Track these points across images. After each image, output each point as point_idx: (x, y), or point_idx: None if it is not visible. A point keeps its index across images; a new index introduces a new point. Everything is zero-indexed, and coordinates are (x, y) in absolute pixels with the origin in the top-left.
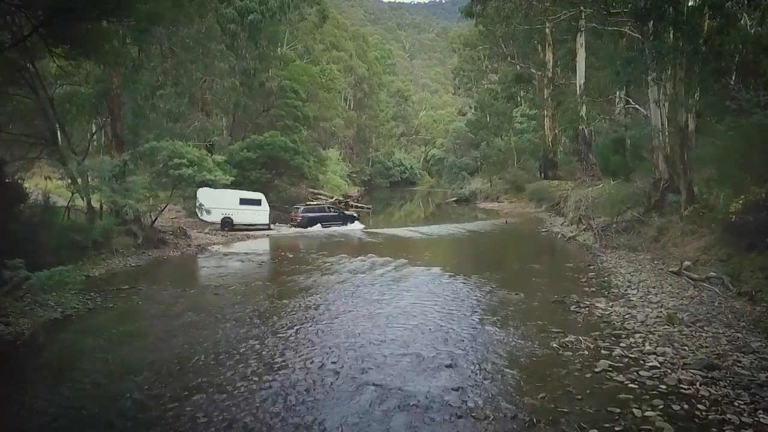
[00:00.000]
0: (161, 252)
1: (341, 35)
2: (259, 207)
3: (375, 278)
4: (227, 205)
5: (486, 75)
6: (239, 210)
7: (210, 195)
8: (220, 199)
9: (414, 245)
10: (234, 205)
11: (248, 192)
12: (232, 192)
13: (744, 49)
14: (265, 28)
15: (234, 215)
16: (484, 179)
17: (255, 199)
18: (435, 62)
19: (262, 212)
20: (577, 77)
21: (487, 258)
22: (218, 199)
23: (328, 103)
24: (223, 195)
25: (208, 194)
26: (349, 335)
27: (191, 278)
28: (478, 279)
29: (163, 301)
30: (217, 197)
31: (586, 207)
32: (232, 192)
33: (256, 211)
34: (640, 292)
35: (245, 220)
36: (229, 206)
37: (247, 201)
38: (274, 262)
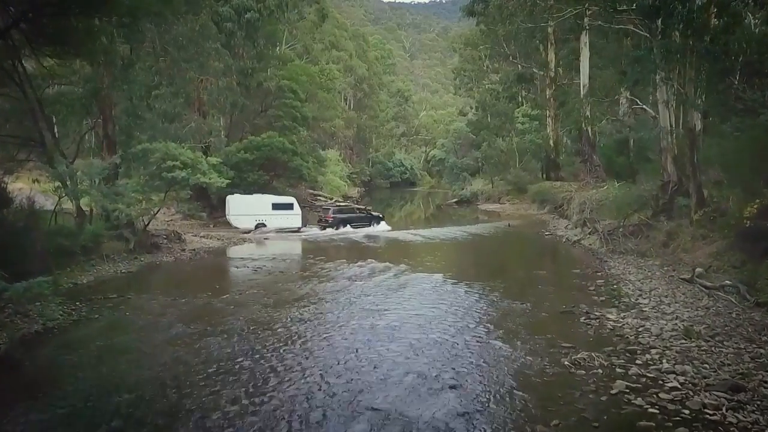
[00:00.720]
0: (154, 257)
1: (341, 35)
2: (291, 211)
3: (374, 286)
4: (260, 210)
5: (487, 75)
6: (272, 215)
7: (242, 201)
8: (253, 205)
9: (415, 249)
10: (267, 211)
11: (280, 196)
12: (265, 197)
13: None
14: (263, 27)
15: (267, 220)
16: (486, 180)
17: (287, 203)
18: (435, 62)
19: (294, 216)
20: (581, 77)
21: (491, 263)
22: (251, 205)
23: (327, 104)
24: (255, 201)
25: (240, 201)
26: (347, 351)
27: (183, 286)
28: (481, 287)
29: (152, 311)
30: (249, 203)
31: (590, 210)
32: (265, 197)
33: (288, 216)
34: (653, 302)
35: (278, 225)
36: (262, 212)
37: (279, 206)
38: (269, 267)
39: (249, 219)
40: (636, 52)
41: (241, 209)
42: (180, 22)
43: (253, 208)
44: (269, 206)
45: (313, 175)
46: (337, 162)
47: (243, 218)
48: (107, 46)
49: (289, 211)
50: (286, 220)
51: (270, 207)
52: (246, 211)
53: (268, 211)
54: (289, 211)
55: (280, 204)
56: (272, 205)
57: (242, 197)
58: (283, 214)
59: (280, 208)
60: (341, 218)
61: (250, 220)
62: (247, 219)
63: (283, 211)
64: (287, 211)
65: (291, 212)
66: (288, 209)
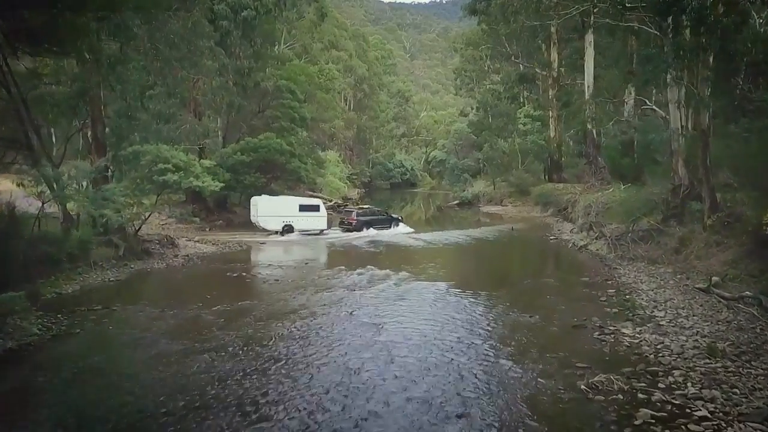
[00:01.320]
0: (145, 264)
1: (341, 35)
2: (317, 213)
3: (374, 296)
4: (288, 212)
5: (488, 75)
6: (299, 217)
7: (270, 203)
8: (281, 207)
9: (416, 255)
10: (294, 212)
11: (307, 198)
12: (292, 199)
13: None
14: (260, 25)
15: (294, 222)
16: (487, 182)
17: (314, 205)
18: (436, 62)
19: (320, 218)
20: (586, 77)
21: (496, 270)
22: (278, 206)
23: (326, 104)
24: (283, 202)
25: (268, 202)
26: (344, 372)
27: (173, 295)
28: (487, 297)
29: (138, 324)
30: (277, 205)
31: (596, 213)
32: (292, 199)
33: (315, 217)
34: (669, 315)
35: (305, 226)
36: (290, 213)
37: (306, 207)
38: (264, 275)
39: (276, 220)
40: (647, 51)
41: (268, 211)
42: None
43: (280, 210)
44: (296, 208)
45: (312, 177)
46: (337, 163)
47: (271, 220)
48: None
49: (315, 213)
50: (312, 222)
51: (297, 209)
52: (274, 213)
53: (295, 213)
54: (315, 213)
55: (306, 206)
56: (299, 207)
57: (270, 198)
58: (309, 216)
59: (307, 210)
60: (364, 220)
61: (278, 222)
62: (274, 220)
63: (310, 213)
64: (313, 213)
65: (317, 214)
66: (314, 211)
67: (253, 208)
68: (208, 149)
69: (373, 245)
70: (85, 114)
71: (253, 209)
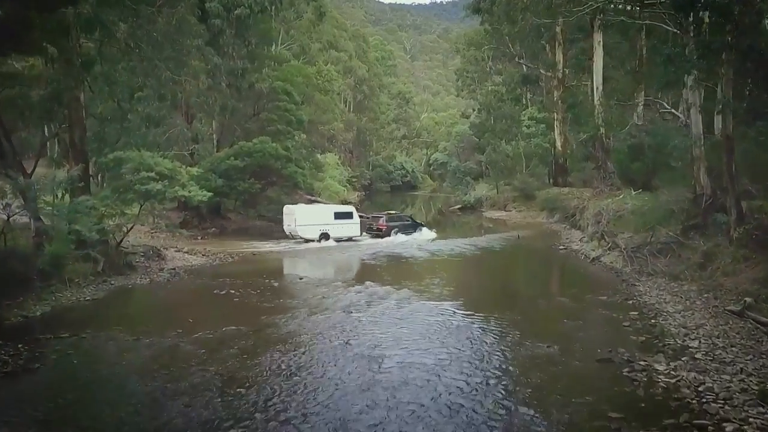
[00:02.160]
0: (126, 279)
1: (340, 35)
2: (351, 220)
3: (373, 321)
4: (324, 220)
5: (490, 76)
6: (334, 224)
7: (308, 211)
8: (317, 215)
9: (418, 268)
10: (330, 220)
11: (341, 206)
12: (327, 207)
13: None
14: (255, 24)
15: (330, 230)
16: (490, 186)
17: (347, 212)
18: (436, 64)
19: (354, 225)
20: (594, 78)
21: (504, 287)
22: (315, 215)
23: (325, 106)
24: (319, 210)
25: (306, 211)
26: (337, 422)
27: (152, 318)
28: (497, 321)
29: (107, 356)
30: (314, 213)
31: (607, 221)
32: (327, 207)
33: (349, 224)
34: (704, 345)
35: (340, 234)
36: (326, 221)
37: (340, 215)
38: (254, 293)
39: (314, 229)
40: (669, 50)
41: (306, 220)
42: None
43: (317, 218)
44: (332, 216)
45: (309, 182)
46: (336, 166)
47: (308, 228)
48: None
49: (349, 220)
50: (346, 229)
51: (332, 216)
52: (311, 221)
53: (331, 221)
54: (349, 220)
55: (341, 213)
56: (334, 214)
57: (307, 207)
58: (344, 224)
59: (342, 217)
60: (392, 226)
61: (315, 230)
62: (312, 229)
63: (344, 220)
64: (347, 220)
65: (351, 221)
66: (348, 218)
67: (288, 218)
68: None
69: (373, 258)
70: (62, 118)
71: (288, 218)
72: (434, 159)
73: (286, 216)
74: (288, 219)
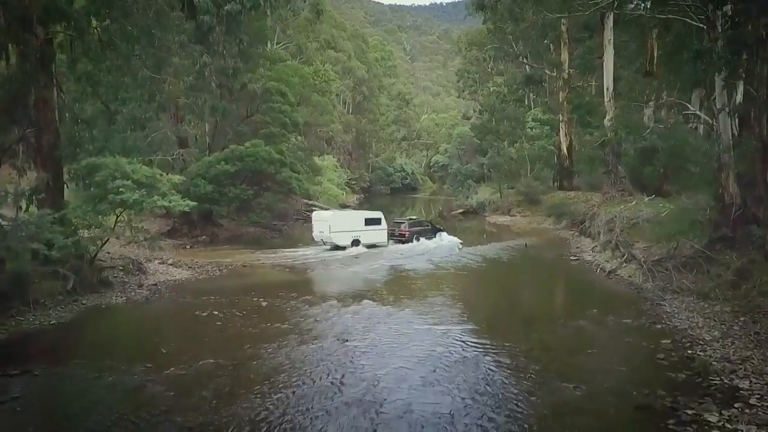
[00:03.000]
0: (100, 298)
1: (339, 35)
2: (379, 226)
3: (370, 351)
4: (355, 227)
5: (491, 77)
6: (365, 230)
7: (341, 218)
8: (349, 222)
9: (422, 284)
10: (361, 227)
11: (371, 212)
12: (358, 213)
13: None
14: (249, 22)
15: (361, 236)
16: (493, 189)
17: (377, 218)
18: (436, 65)
19: (382, 231)
20: (605, 78)
21: (517, 307)
22: (348, 221)
23: (322, 108)
24: (351, 217)
25: (339, 217)
26: None
27: (121, 347)
28: (512, 352)
29: (58, 403)
30: (347, 220)
31: (621, 230)
32: (358, 213)
33: (378, 231)
34: (757, 386)
35: (370, 240)
36: (357, 228)
37: (370, 221)
38: (239, 314)
39: (347, 236)
40: (697, 45)
41: (340, 226)
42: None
43: (349, 225)
44: (362, 222)
45: (305, 187)
46: (335, 168)
47: (342, 235)
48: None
49: (377, 227)
50: (375, 236)
51: (363, 222)
52: (345, 228)
53: (362, 227)
54: (378, 227)
55: (371, 219)
56: (365, 221)
57: (341, 213)
58: (373, 230)
59: (371, 224)
60: (414, 231)
61: (348, 237)
62: (345, 236)
63: (374, 227)
64: (376, 227)
65: (379, 227)
66: (377, 224)
67: (321, 224)
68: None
69: (374, 272)
70: (28, 121)
71: (321, 225)
72: (435, 161)
73: (317, 222)
74: (320, 225)
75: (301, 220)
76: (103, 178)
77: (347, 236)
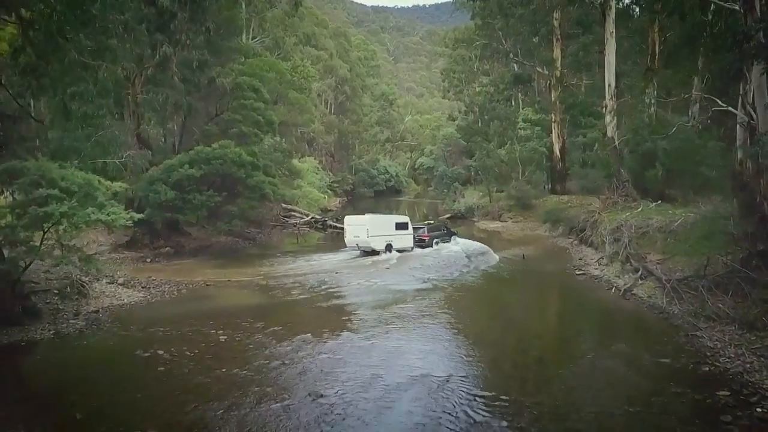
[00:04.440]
0: (21, 333)
1: (321, 33)
2: (407, 231)
3: (348, 414)
4: (388, 231)
5: (477, 77)
6: (395, 235)
7: (379, 222)
8: (384, 226)
9: (411, 306)
10: (392, 231)
11: (399, 216)
12: (390, 217)
13: None
14: (218, 10)
15: (393, 241)
16: (481, 192)
17: (405, 223)
18: (420, 65)
19: (409, 236)
20: (606, 74)
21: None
22: (382, 226)
23: (301, 106)
24: (384, 221)
25: (378, 221)
26: None
27: (20, 409)
28: (532, 415)
29: None
30: (381, 224)
31: (629, 240)
32: (390, 217)
33: (406, 235)
34: None
35: (399, 245)
36: (390, 232)
37: (400, 225)
38: (190, 354)
39: (381, 240)
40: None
41: (376, 231)
42: None
43: (385, 229)
44: (394, 226)
45: (281, 192)
46: (316, 171)
47: (378, 240)
48: None
49: (405, 231)
50: (404, 240)
51: (394, 227)
52: (380, 232)
53: (393, 231)
54: (406, 231)
55: (400, 224)
56: (395, 225)
57: (377, 217)
58: (402, 234)
59: (401, 228)
60: (433, 236)
61: (382, 242)
62: (381, 240)
63: (403, 231)
64: (404, 231)
65: (407, 232)
66: (405, 229)
67: (356, 229)
68: (136, 162)
69: (362, 294)
70: None
71: (357, 230)
72: (420, 163)
73: (352, 227)
74: (356, 230)
75: (279, 227)
76: (24, 185)
77: (382, 241)
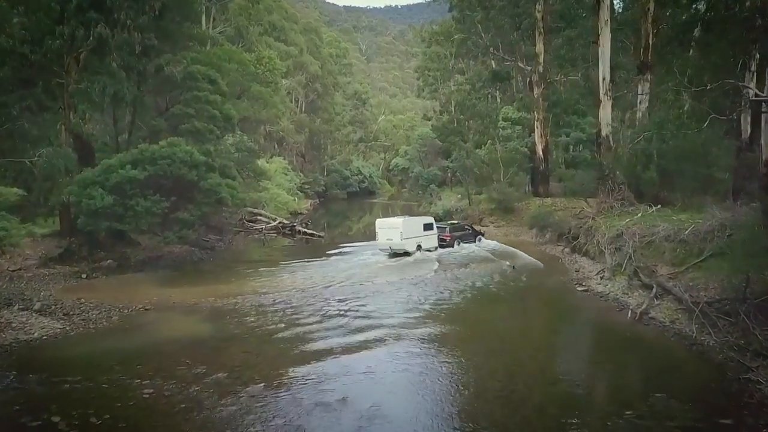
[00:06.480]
0: None
1: (290, 27)
2: (433, 231)
3: None
4: (418, 232)
5: (453, 75)
6: (424, 236)
7: (409, 225)
8: (414, 228)
9: (388, 337)
10: (421, 232)
11: (425, 217)
12: (419, 219)
13: None
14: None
15: (422, 242)
16: (460, 195)
17: (430, 223)
18: (393, 66)
19: (434, 236)
20: (600, 66)
21: (539, 387)
22: (414, 227)
23: (265, 100)
24: (415, 223)
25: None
26: None
27: None
28: None
29: None
30: (412, 226)
31: (634, 250)
32: (419, 219)
33: (432, 236)
34: None
35: (427, 245)
36: (419, 234)
37: (427, 227)
38: (95, 422)
39: (413, 242)
40: None
41: (409, 233)
42: None
43: (416, 231)
44: (422, 227)
45: (240, 196)
46: (285, 172)
47: (410, 242)
48: None
49: (432, 232)
50: (430, 241)
51: (422, 228)
52: (412, 234)
53: (422, 233)
54: (432, 232)
55: (427, 224)
56: (423, 226)
57: (409, 220)
58: (429, 235)
59: (428, 229)
60: (457, 236)
61: (414, 243)
62: (413, 242)
63: (429, 232)
64: (431, 232)
65: (432, 232)
66: (431, 229)
67: (390, 232)
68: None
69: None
70: None
71: (391, 232)
72: (395, 164)
73: (383, 230)
74: (389, 233)
75: (243, 233)
76: None
77: (414, 242)
